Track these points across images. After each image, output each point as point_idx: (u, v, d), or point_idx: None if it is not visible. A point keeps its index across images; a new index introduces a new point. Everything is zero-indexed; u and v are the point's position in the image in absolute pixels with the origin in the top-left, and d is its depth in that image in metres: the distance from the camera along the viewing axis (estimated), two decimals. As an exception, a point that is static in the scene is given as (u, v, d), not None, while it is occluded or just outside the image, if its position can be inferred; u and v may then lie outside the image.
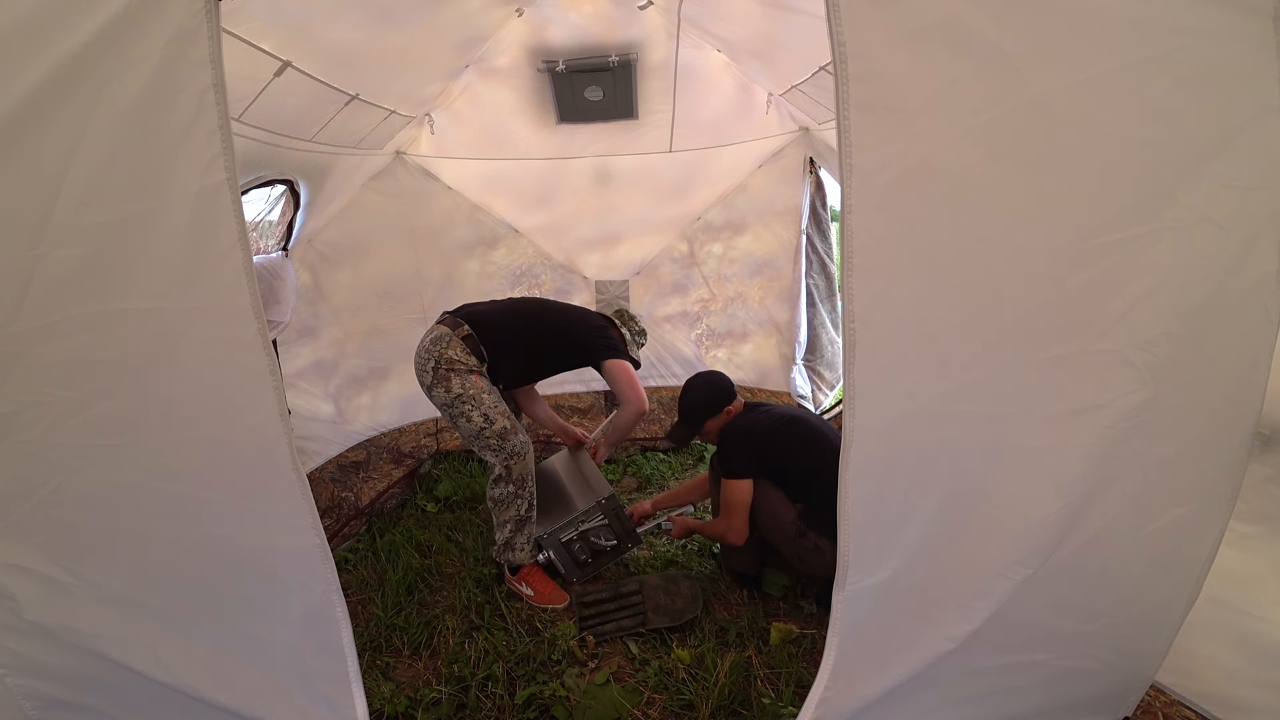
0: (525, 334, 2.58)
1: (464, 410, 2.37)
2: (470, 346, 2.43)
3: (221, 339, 1.28)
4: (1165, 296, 1.22)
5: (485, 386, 2.43)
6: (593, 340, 2.62)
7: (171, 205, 1.20)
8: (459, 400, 2.37)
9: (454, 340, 2.43)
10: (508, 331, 2.54)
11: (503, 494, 2.47)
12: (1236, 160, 1.16)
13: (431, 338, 2.47)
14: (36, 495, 1.34)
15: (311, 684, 1.54)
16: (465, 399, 2.37)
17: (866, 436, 1.31)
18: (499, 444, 2.40)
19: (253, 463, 1.36)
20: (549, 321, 2.66)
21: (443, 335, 2.45)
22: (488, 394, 2.42)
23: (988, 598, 1.40)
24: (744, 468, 2.23)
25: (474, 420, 2.37)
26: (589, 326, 2.69)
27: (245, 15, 1.68)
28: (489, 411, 2.38)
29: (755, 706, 1.86)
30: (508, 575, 2.55)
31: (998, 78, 1.14)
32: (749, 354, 4.09)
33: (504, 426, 2.40)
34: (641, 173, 3.63)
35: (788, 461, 2.23)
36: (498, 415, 2.39)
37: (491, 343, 2.47)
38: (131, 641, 1.46)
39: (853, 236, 1.23)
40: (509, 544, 2.51)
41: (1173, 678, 1.60)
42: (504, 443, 2.40)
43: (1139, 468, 1.33)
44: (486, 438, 2.39)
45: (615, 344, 2.65)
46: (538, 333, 2.60)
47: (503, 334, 2.52)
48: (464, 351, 2.41)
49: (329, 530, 2.89)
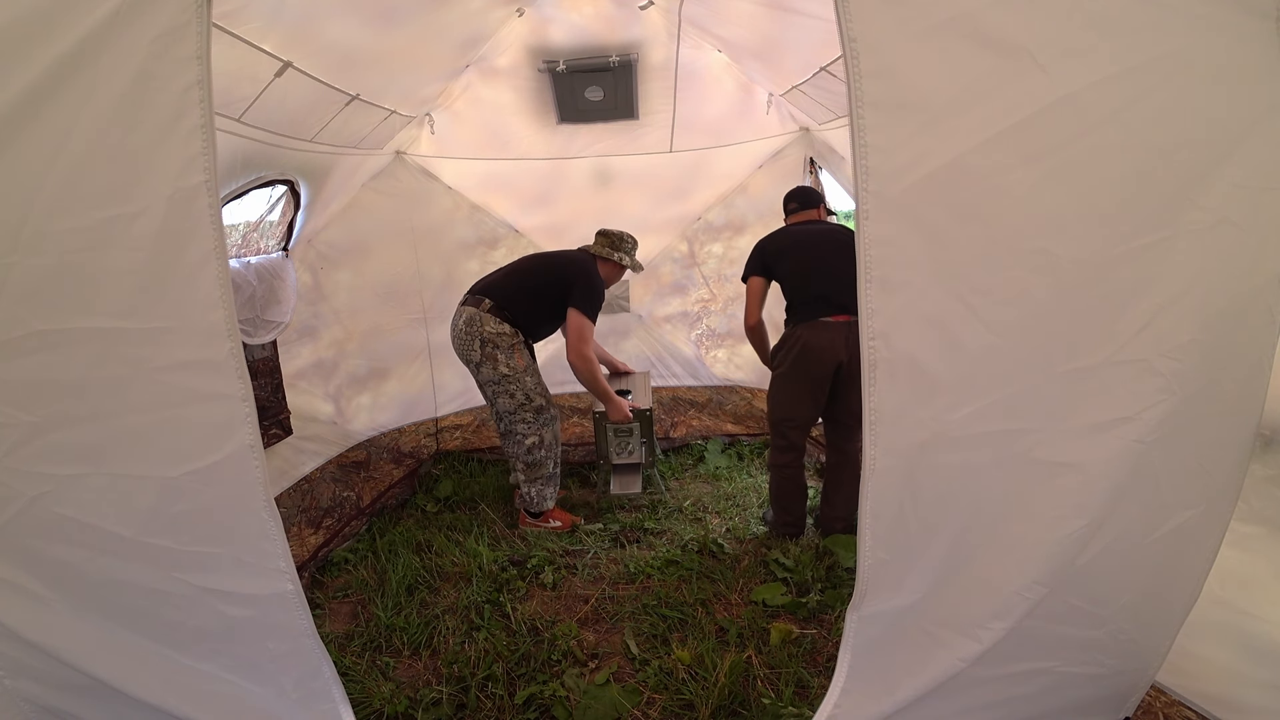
0: (533, 289, 2.91)
1: (508, 389, 2.82)
2: (500, 316, 2.81)
3: (189, 362, 1.18)
4: (1191, 301, 1.17)
5: (525, 364, 2.85)
6: (576, 282, 2.90)
7: (141, 210, 1.10)
8: (505, 379, 2.81)
9: (485, 317, 2.79)
10: (521, 291, 2.90)
11: (536, 459, 2.92)
12: (1249, 160, 1.12)
13: (464, 320, 2.83)
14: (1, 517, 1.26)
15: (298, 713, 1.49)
16: (511, 379, 2.81)
17: (888, 465, 1.25)
18: (534, 418, 2.88)
19: (222, 501, 1.26)
20: (545, 270, 2.98)
21: (474, 316, 2.81)
22: (529, 375, 2.85)
23: (1004, 619, 1.35)
24: (749, 271, 2.83)
25: (516, 398, 2.84)
26: (577, 269, 2.95)
27: (246, 16, 1.68)
28: (530, 391, 2.84)
29: (755, 706, 1.86)
30: (528, 519, 3.02)
31: (1025, 74, 1.07)
32: (749, 354, 4.06)
33: (540, 404, 2.88)
34: (642, 173, 3.64)
35: (781, 267, 2.75)
36: (536, 394, 2.86)
37: (513, 306, 2.85)
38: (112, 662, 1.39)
39: (870, 245, 1.14)
40: (541, 496, 2.98)
41: (1173, 678, 1.60)
42: (539, 416, 2.89)
43: (1152, 475, 1.28)
44: (525, 413, 2.86)
45: (587, 290, 2.90)
46: (543, 281, 2.93)
47: (518, 296, 2.89)
48: (497, 323, 2.80)
49: (330, 530, 2.89)
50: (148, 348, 1.17)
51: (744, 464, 3.75)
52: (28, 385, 1.18)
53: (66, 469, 1.23)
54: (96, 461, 1.23)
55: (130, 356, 1.17)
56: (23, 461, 1.22)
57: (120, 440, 1.23)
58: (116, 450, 1.23)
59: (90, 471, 1.24)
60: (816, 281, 2.63)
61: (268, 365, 2.98)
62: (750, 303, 2.82)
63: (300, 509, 2.85)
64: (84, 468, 1.24)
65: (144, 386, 1.19)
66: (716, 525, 3.00)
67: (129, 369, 1.18)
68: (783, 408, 2.70)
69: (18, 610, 1.34)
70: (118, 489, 1.25)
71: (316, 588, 2.61)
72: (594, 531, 2.97)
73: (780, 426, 2.71)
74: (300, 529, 2.79)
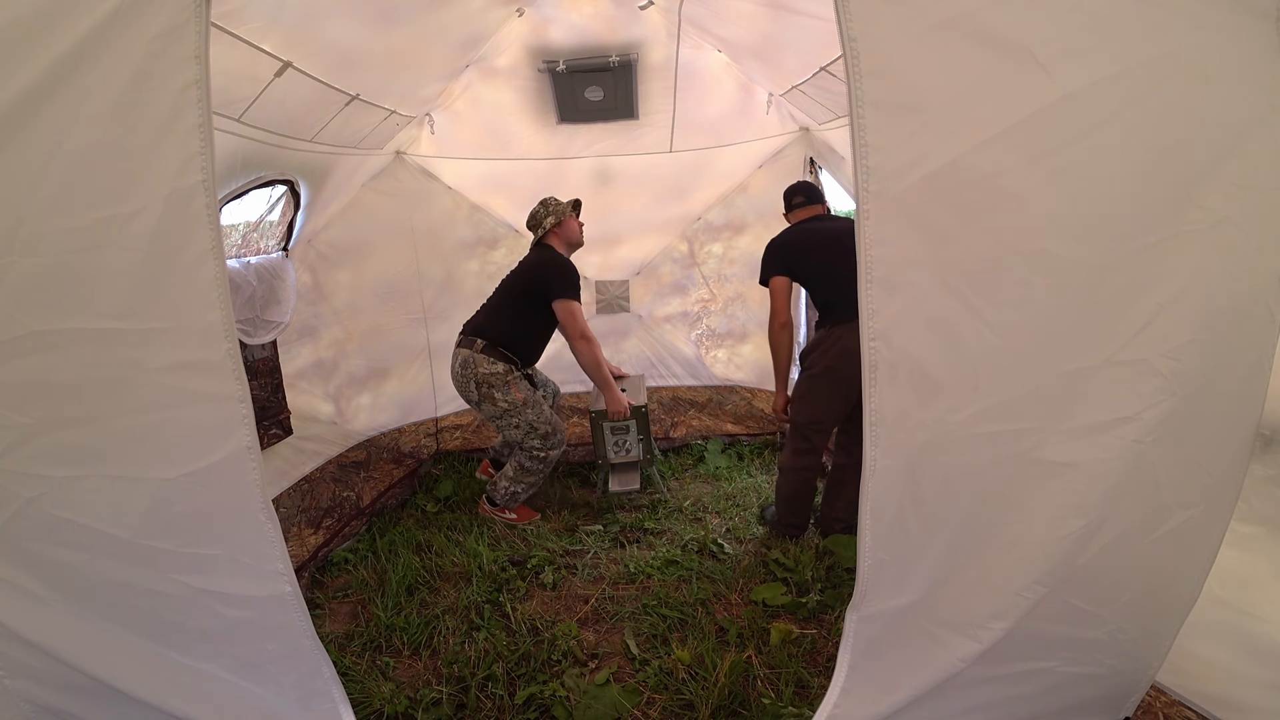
0: (517, 312, 2.97)
1: (511, 421, 2.91)
2: (493, 355, 2.88)
3: (186, 363, 1.17)
4: (1191, 301, 1.17)
5: (525, 397, 2.91)
6: (548, 277, 2.91)
7: (138, 210, 1.10)
8: (506, 414, 2.90)
9: (479, 358, 2.87)
10: (508, 319, 2.96)
11: (533, 467, 3.00)
12: (1249, 160, 1.12)
13: (460, 363, 2.92)
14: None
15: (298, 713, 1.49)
16: (511, 413, 2.90)
17: (889, 466, 1.24)
18: (541, 443, 2.95)
19: (219, 504, 1.26)
20: (519, 289, 3.01)
21: (468, 358, 2.89)
22: (530, 407, 2.91)
23: (1004, 619, 1.35)
24: (772, 271, 2.71)
25: (520, 428, 2.92)
26: (540, 266, 2.97)
27: (246, 16, 1.68)
28: (532, 420, 2.91)
29: (755, 706, 1.86)
30: (487, 506, 3.10)
31: (1025, 74, 1.07)
32: (749, 354, 4.09)
33: (545, 430, 2.94)
34: (642, 173, 3.63)
35: (807, 266, 2.66)
36: (540, 422, 2.93)
37: (505, 339, 2.92)
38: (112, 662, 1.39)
39: (870, 246, 1.14)
40: (514, 495, 3.06)
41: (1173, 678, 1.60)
42: (544, 441, 2.96)
43: (1152, 475, 1.28)
44: (533, 440, 2.94)
45: (559, 275, 2.90)
46: (522, 299, 2.97)
47: (507, 326, 2.95)
48: (490, 363, 2.87)
49: (330, 530, 2.89)
50: (145, 348, 1.17)
51: (744, 464, 3.75)
52: (24, 386, 1.18)
53: (63, 470, 1.23)
54: (93, 463, 1.23)
55: (127, 357, 1.17)
56: (19, 463, 1.22)
57: (117, 442, 1.22)
58: (113, 452, 1.23)
59: (87, 473, 1.23)
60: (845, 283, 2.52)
61: (268, 365, 2.98)
62: (779, 302, 2.68)
63: (300, 509, 2.85)
64: (80, 469, 1.23)
65: (141, 387, 1.19)
66: (716, 525, 3.00)
67: (126, 370, 1.17)
68: (812, 410, 2.58)
69: (18, 610, 1.33)
70: (115, 490, 1.25)
71: (316, 588, 2.61)
72: (594, 531, 2.97)
73: (806, 429, 2.61)
74: (300, 529, 2.79)
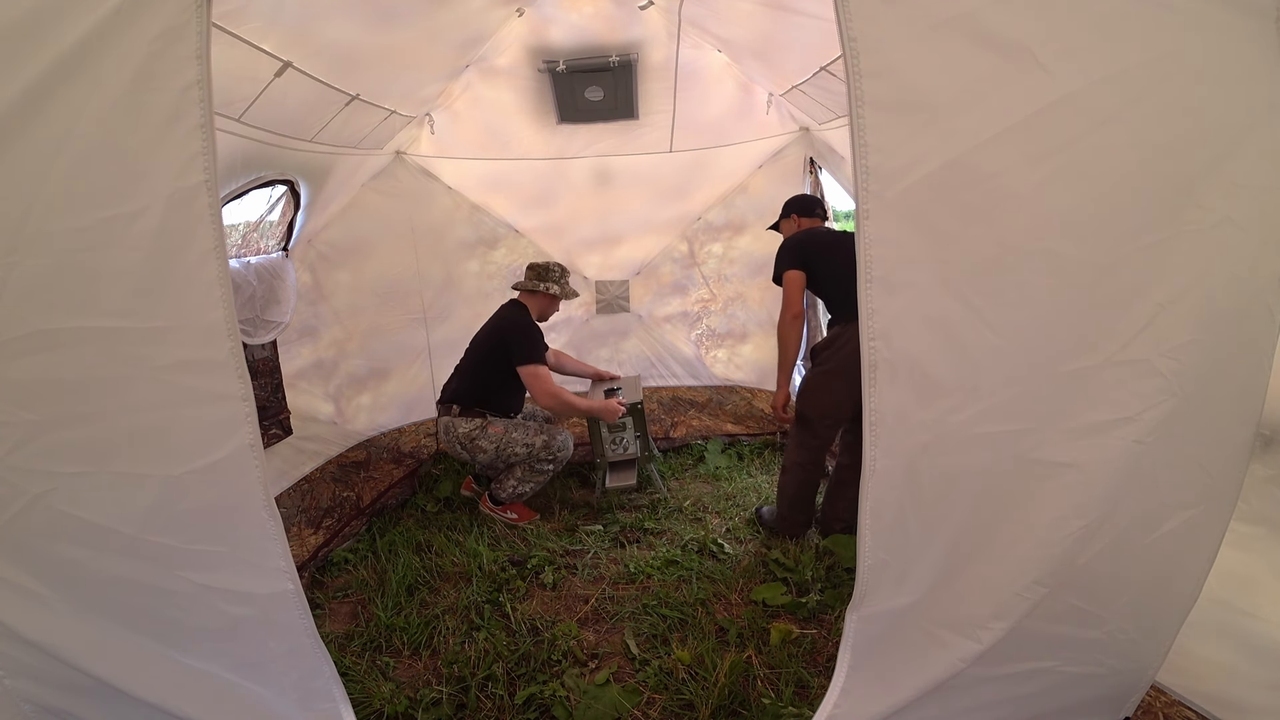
0: (484, 376, 3.08)
1: (506, 453, 3.01)
2: (470, 414, 3.03)
3: (189, 361, 1.18)
4: (1192, 301, 1.16)
5: (503, 428, 3.01)
6: (509, 343, 3.02)
7: (141, 209, 1.10)
8: (498, 450, 3.00)
9: (456, 422, 3.02)
10: (475, 385, 3.08)
11: (543, 468, 3.07)
12: (1249, 160, 1.12)
13: (443, 428, 3.07)
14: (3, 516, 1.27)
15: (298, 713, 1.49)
16: (502, 447, 3.00)
17: (889, 466, 1.24)
18: (548, 455, 3.04)
19: (222, 501, 1.27)
20: (486, 350, 3.10)
21: (448, 424, 3.04)
22: (515, 429, 3.01)
23: (1004, 619, 1.35)
24: (787, 266, 2.68)
25: (519, 453, 3.01)
26: (504, 329, 3.07)
27: (246, 15, 1.68)
28: (525, 440, 3.01)
29: (755, 706, 1.86)
30: (489, 505, 3.13)
31: (1026, 74, 1.07)
32: (749, 354, 4.09)
33: (544, 441, 3.02)
34: (642, 173, 3.63)
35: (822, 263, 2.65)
36: (533, 439, 3.01)
37: (480, 401, 3.06)
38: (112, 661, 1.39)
39: (870, 245, 1.14)
40: (519, 494, 3.10)
41: (1173, 678, 1.60)
42: (550, 453, 3.04)
43: (1152, 475, 1.28)
44: (537, 457, 3.02)
45: (521, 341, 3.01)
46: (488, 362, 3.08)
47: (477, 388, 3.08)
48: (468, 422, 3.01)
49: (330, 530, 2.89)
50: (148, 347, 1.18)
51: (744, 464, 3.75)
52: (29, 384, 1.19)
53: (68, 467, 1.24)
54: (98, 460, 1.24)
55: (131, 356, 1.18)
56: (25, 460, 1.23)
57: (121, 439, 1.23)
58: (119, 448, 1.24)
59: (92, 470, 1.24)
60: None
61: (268, 365, 2.98)
62: (793, 294, 2.66)
63: (300, 509, 2.85)
64: (86, 466, 1.24)
65: (145, 385, 1.20)
66: (716, 525, 3.00)
67: (130, 368, 1.18)
68: (823, 405, 2.60)
69: (18, 610, 1.34)
70: (119, 487, 1.26)
71: (316, 588, 2.61)
72: (594, 531, 2.97)
73: (816, 424, 2.64)
74: (300, 529, 2.79)
